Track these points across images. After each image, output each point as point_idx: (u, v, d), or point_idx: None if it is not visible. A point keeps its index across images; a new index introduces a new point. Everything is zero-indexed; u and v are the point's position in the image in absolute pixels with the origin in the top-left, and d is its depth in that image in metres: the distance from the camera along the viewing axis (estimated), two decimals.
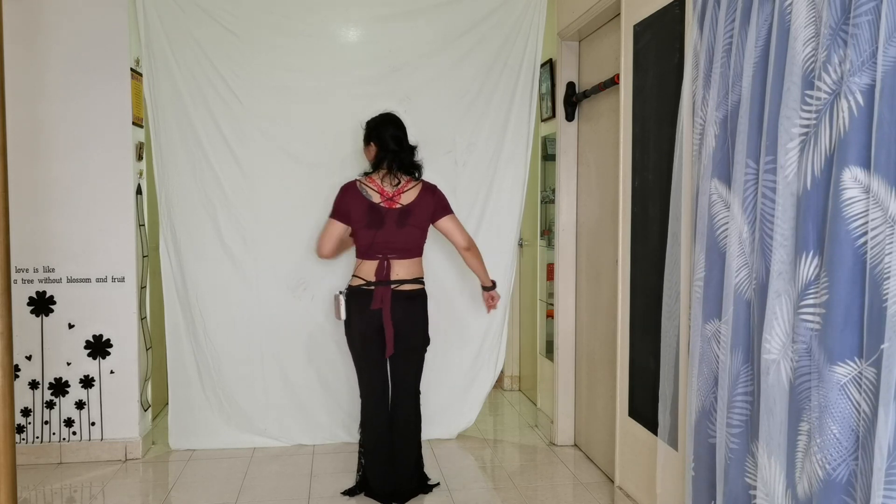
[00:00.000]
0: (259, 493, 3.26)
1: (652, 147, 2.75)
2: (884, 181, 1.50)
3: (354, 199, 3.07)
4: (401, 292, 3.08)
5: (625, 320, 3.01)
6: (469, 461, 3.68)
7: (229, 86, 3.66)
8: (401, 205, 3.08)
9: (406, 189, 3.10)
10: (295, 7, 3.70)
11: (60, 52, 3.54)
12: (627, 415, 2.99)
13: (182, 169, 3.67)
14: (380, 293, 3.05)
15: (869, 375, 1.55)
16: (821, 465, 1.63)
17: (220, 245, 3.72)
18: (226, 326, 3.75)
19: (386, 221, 3.06)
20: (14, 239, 3.31)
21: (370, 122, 3.19)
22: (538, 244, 4.53)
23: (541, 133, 4.40)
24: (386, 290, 3.05)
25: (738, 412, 2.01)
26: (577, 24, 3.53)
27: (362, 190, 3.08)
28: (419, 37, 3.77)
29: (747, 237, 1.97)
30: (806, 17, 1.72)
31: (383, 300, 3.04)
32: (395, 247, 3.07)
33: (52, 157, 3.57)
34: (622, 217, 3.01)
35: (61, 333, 3.62)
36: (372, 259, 3.07)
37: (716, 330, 2.12)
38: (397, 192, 3.09)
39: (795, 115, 1.74)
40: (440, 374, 3.89)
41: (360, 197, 3.07)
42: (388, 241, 3.06)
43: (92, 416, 3.65)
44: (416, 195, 3.11)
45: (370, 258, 3.08)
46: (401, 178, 3.10)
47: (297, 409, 3.84)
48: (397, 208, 3.08)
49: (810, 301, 1.70)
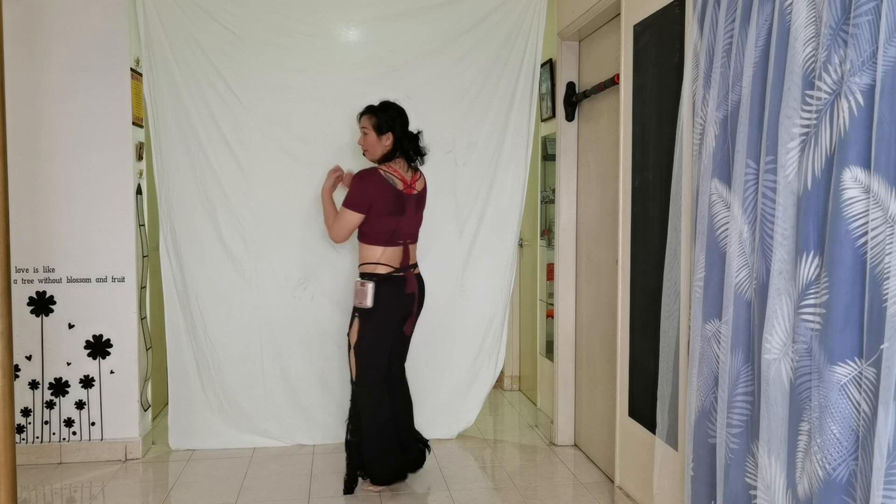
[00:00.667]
0: (259, 493, 3.26)
1: (652, 147, 2.75)
2: (884, 181, 1.50)
3: (379, 188, 3.10)
4: (418, 275, 3.27)
5: (625, 320, 3.01)
6: (469, 461, 3.68)
7: (229, 86, 3.66)
8: (416, 191, 3.22)
9: (418, 176, 3.26)
10: (295, 7, 3.70)
11: (60, 52, 3.54)
12: (627, 415, 2.99)
13: (182, 169, 3.67)
14: (409, 277, 3.19)
15: (869, 375, 1.55)
16: (821, 465, 1.63)
17: (220, 245, 3.72)
18: (226, 326, 3.75)
19: (407, 208, 3.17)
20: (14, 239, 3.32)
21: (382, 110, 3.17)
22: (538, 244, 4.53)
23: (541, 133, 4.40)
24: (411, 275, 3.21)
25: (738, 412, 2.01)
26: (577, 24, 3.53)
27: (388, 178, 3.12)
28: (419, 37, 3.77)
29: (748, 237, 1.97)
30: (806, 17, 1.72)
31: (412, 284, 3.20)
32: (411, 232, 3.24)
33: (53, 157, 3.57)
34: (622, 217, 3.01)
35: (61, 333, 3.62)
36: (395, 245, 3.16)
37: (716, 330, 2.12)
38: (413, 178, 3.21)
39: (796, 115, 1.74)
40: (440, 374, 3.89)
41: (386, 185, 3.11)
42: (408, 227, 3.21)
43: (92, 416, 3.65)
44: (423, 182, 3.29)
45: (393, 244, 3.15)
46: (416, 166, 3.24)
47: (297, 409, 3.84)
48: (414, 195, 3.21)
49: (811, 301, 1.70)
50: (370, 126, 3.17)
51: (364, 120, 3.20)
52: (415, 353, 3.62)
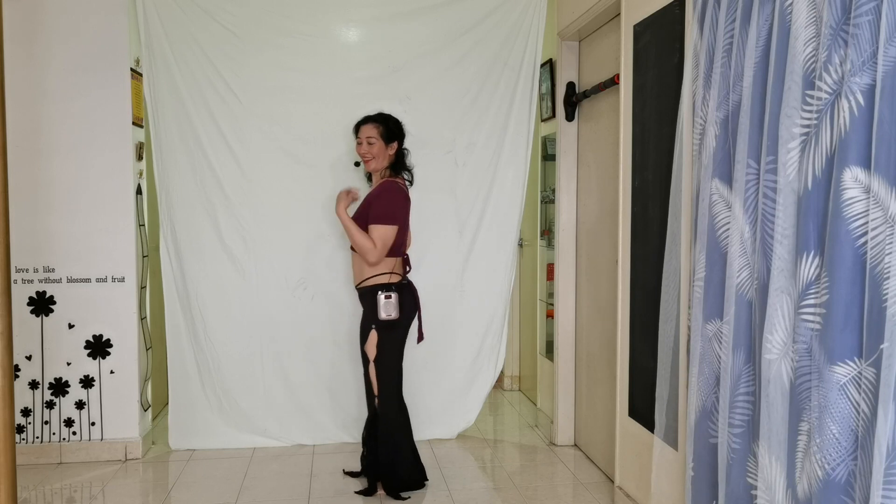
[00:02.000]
0: (259, 493, 3.26)
1: (652, 147, 2.75)
2: (884, 181, 1.50)
3: (407, 200, 3.22)
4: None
5: (625, 320, 3.01)
6: (469, 461, 3.68)
7: (229, 86, 3.66)
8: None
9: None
10: (295, 7, 3.70)
11: (60, 52, 3.54)
12: (627, 415, 2.99)
13: (182, 169, 3.67)
14: (412, 284, 3.28)
15: (868, 375, 1.55)
16: (820, 465, 1.63)
17: (220, 245, 3.72)
18: (226, 326, 3.75)
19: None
20: (14, 239, 3.31)
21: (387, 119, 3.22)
22: (538, 244, 4.53)
23: (541, 133, 4.40)
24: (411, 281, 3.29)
25: (740, 412, 2.01)
26: (577, 24, 3.53)
27: (406, 190, 3.24)
28: (419, 37, 3.77)
29: (749, 237, 1.97)
30: (806, 17, 1.72)
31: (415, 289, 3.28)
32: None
33: (53, 157, 3.57)
34: (622, 217, 3.01)
35: (61, 333, 3.62)
36: (403, 255, 3.23)
37: (717, 330, 2.12)
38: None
39: (796, 115, 1.74)
40: (440, 374, 3.89)
41: (408, 196, 3.24)
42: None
43: (92, 416, 3.65)
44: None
45: (402, 254, 3.23)
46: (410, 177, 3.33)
47: (297, 409, 3.84)
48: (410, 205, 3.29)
49: (811, 301, 1.70)
50: (377, 135, 3.18)
51: (369, 129, 3.19)
52: (414, 354, 3.62)
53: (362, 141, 3.19)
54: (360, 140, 3.20)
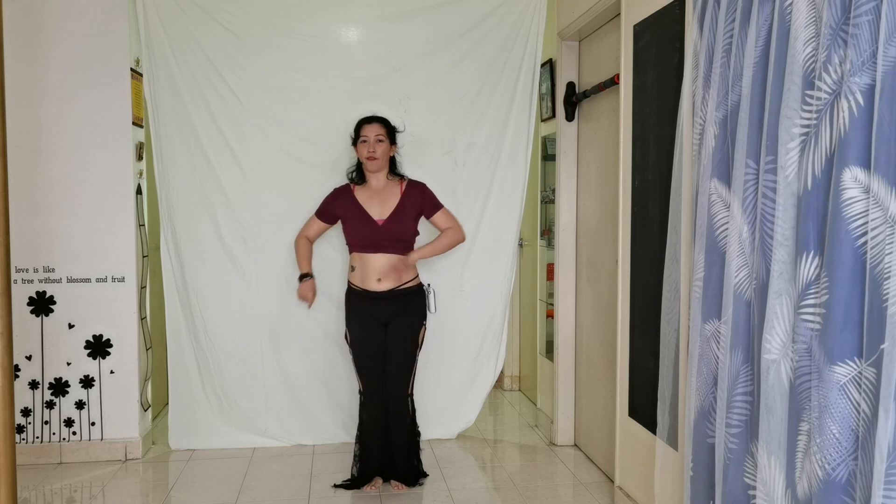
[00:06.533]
0: (259, 493, 3.26)
1: (652, 147, 2.75)
2: (884, 181, 1.50)
3: None
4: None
5: (625, 320, 3.01)
6: (469, 461, 3.68)
7: (229, 86, 3.66)
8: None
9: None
10: (295, 7, 3.70)
11: (60, 52, 3.54)
12: (627, 415, 2.99)
13: (182, 169, 3.67)
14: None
15: (869, 375, 1.55)
16: (820, 466, 1.63)
17: (220, 245, 3.72)
18: (226, 326, 3.75)
19: None
20: (14, 239, 3.31)
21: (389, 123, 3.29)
22: (538, 244, 4.53)
23: (541, 133, 4.40)
24: None
25: (737, 412, 2.01)
26: (577, 24, 3.53)
27: None
28: (419, 37, 3.77)
29: (747, 237, 1.97)
30: (806, 17, 1.72)
31: None
32: None
33: (53, 157, 3.57)
34: (622, 217, 3.01)
35: (61, 333, 3.62)
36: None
37: (715, 330, 2.12)
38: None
39: (796, 115, 1.74)
40: (440, 374, 3.89)
41: None
42: None
43: (92, 416, 3.65)
44: None
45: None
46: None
47: (297, 409, 3.84)
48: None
49: (810, 301, 1.70)
50: (385, 134, 3.21)
51: (377, 127, 3.21)
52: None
53: (369, 138, 3.18)
54: (367, 137, 3.19)
